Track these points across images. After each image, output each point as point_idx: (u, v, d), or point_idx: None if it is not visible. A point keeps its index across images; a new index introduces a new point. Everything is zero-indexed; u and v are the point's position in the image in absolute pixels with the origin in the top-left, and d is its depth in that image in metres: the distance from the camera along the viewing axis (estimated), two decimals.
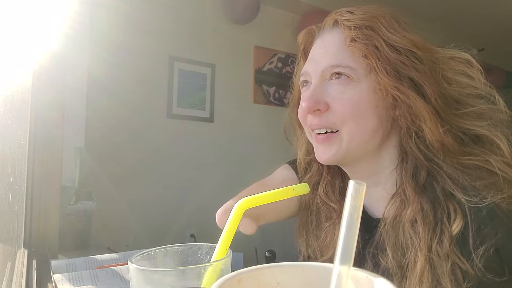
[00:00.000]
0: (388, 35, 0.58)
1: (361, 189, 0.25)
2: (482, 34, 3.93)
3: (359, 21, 0.60)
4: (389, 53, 0.57)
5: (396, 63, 0.57)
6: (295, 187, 0.47)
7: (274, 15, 2.88)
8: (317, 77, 0.62)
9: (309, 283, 0.27)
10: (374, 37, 0.58)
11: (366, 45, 0.58)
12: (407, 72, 0.57)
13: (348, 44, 0.59)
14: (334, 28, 0.64)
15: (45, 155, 0.81)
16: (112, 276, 0.64)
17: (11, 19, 0.95)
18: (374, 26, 0.59)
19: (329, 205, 0.69)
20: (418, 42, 0.60)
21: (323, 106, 0.60)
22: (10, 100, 0.96)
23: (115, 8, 2.13)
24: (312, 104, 0.60)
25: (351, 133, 0.60)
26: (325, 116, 0.61)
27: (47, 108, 0.82)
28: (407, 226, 0.57)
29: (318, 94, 0.61)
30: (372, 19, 0.60)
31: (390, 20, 0.60)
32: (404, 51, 0.58)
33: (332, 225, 0.68)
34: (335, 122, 0.60)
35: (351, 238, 0.24)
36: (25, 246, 0.78)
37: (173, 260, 0.41)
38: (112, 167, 2.15)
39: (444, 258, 0.53)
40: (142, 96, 2.32)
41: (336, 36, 0.62)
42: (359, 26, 0.59)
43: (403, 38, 0.59)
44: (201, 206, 2.36)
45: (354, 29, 0.59)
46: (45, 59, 0.82)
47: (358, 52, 0.59)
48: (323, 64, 0.62)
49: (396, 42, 0.58)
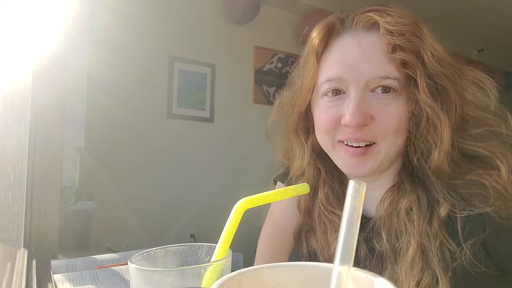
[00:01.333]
0: (433, 44, 0.55)
1: (361, 189, 0.25)
2: (482, 34, 3.93)
3: (402, 26, 0.54)
4: (435, 65, 0.54)
5: (440, 76, 0.54)
6: (295, 187, 0.47)
7: (274, 15, 2.88)
8: (361, 86, 0.56)
9: (309, 283, 0.27)
10: (421, 46, 0.54)
11: (411, 54, 0.54)
12: (446, 86, 0.54)
13: (391, 53, 0.54)
14: (372, 30, 0.57)
15: (45, 155, 0.81)
16: (112, 276, 0.64)
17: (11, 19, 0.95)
18: (418, 33, 0.55)
19: (334, 213, 0.66)
20: (450, 57, 0.57)
21: (369, 120, 0.56)
22: (10, 100, 0.96)
23: (115, 8, 2.13)
24: (360, 119, 0.55)
25: (389, 146, 0.57)
26: (368, 129, 0.56)
27: (47, 108, 0.82)
28: (402, 214, 0.58)
29: (364, 107, 0.55)
30: (414, 24, 0.55)
31: (425, 28, 0.56)
32: (447, 64, 0.55)
33: (336, 230, 0.67)
34: (377, 136, 0.57)
35: (351, 238, 0.24)
36: (25, 246, 0.78)
37: (173, 260, 0.41)
38: (112, 167, 2.15)
39: (433, 238, 0.54)
40: (142, 96, 2.32)
41: (377, 40, 0.56)
42: (402, 32, 0.54)
43: (443, 49, 0.56)
44: (201, 206, 2.37)
45: (398, 36, 0.54)
46: (45, 59, 0.82)
47: (399, 61, 0.55)
48: (368, 73, 0.56)
49: (440, 53, 0.55)
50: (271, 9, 2.85)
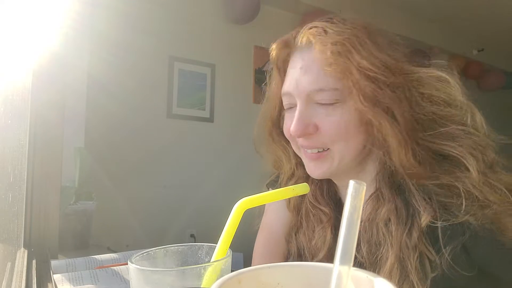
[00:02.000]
0: (359, 61, 0.56)
1: (361, 189, 0.25)
2: (482, 34, 3.93)
3: (333, 46, 0.57)
4: (361, 81, 0.56)
5: (373, 86, 0.56)
6: (295, 187, 0.47)
7: (274, 15, 2.88)
8: (302, 99, 0.61)
9: (309, 283, 0.27)
10: (348, 64, 0.57)
11: (341, 70, 0.57)
12: (379, 98, 0.56)
13: (324, 70, 0.58)
14: (311, 46, 0.61)
15: (45, 155, 0.81)
16: (112, 276, 0.64)
17: (11, 19, 0.95)
18: (347, 52, 0.57)
19: (319, 209, 0.69)
20: (392, 65, 0.58)
21: (312, 129, 0.60)
22: (10, 100, 0.96)
23: (115, 8, 2.13)
24: (301, 128, 0.60)
25: (341, 152, 0.61)
26: (315, 137, 0.61)
27: (47, 108, 0.82)
28: (381, 225, 0.58)
29: (306, 118, 0.60)
30: (346, 41, 0.57)
31: (365, 40, 0.58)
32: (375, 79, 0.56)
33: (323, 229, 0.69)
34: (326, 142, 0.61)
35: (351, 238, 0.24)
36: (25, 246, 0.78)
37: (173, 260, 0.41)
38: (112, 167, 2.15)
39: (412, 249, 0.55)
40: (142, 96, 2.32)
41: (315, 56, 0.60)
42: (332, 51, 0.57)
43: (375, 62, 0.57)
44: (201, 206, 2.37)
45: (330, 54, 0.57)
46: (45, 59, 0.82)
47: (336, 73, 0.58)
48: (307, 87, 0.60)
49: (367, 69, 0.56)
50: (271, 9, 2.85)
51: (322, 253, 0.67)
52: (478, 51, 4.07)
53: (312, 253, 0.69)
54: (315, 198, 0.70)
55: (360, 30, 0.59)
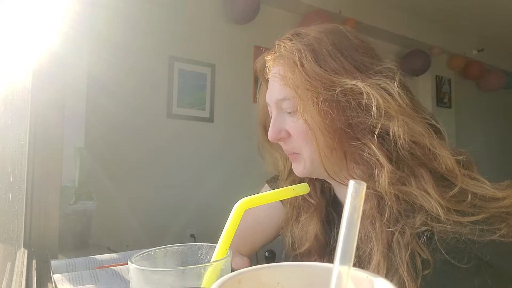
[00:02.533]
0: (298, 75, 0.61)
1: (361, 189, 0.25)
2: (482, 34, 3.94)
3: (284, 60, 0.63)
4: (301, 93, 0.60)
5: (306, 101, 0.60)
6: (295, 187, 0.47)
7: (274, 15, 2.88)
8: (274, 108, 0.67)
9: (309, 283, 0.27)
10: (292, 77, 0.61)
11: (291, 83, 0.61)
12: (313, 108, 0.59)
13: (281, 83, 0.63)
14: (277, 59, 0.66)
15: (45, 155, 0.81)
16: (112, 276, 0.64)
17: (11, 18, 0.95)
18: (292, 66, 0.62)
19: (308, 201, 0.73)
20: (324, 78, 0.59)
21: (284, 134, 0.66)
22: (10, 100, 0.96)
23: (115, 8, 2.13)
24: (274, 134, 0.66)
25: (309, 156, 0.64)
26: (288, 142, 0.66)
27: (47, 108, 0.82)
28: (365, 222, 0.59)
29: (278, 125, 0.66)
30: (291, 57, 0.62)
31: (306, 55, 0.61)
32: (310, 91, 0.59)
33: (309, 217, 0.72)
34: (295, 147, 0.66)
35: (351, 238, 0.24)
36: (25, 246, 0.78)
37: (173, 260, 0.41)
38: (112, 167, 2.15)
39: (404, 247, 0.55)
40: (142, 96, 2.32)
41: (281, 67, 0.64)
42: (283, 64, 0.63)
43: (311, 76, 0.60)
44: (201, 206, 2.37)
45: (281, 67, 0.63)
46: (45, 59, 0.82)
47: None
48: (274, 96, 0.66)
49: (302, 82, 0.60)
50: (271, 9, 2.85)
51: (307, 244, 0.70)
52: (478, 51, 4.07)
53: (298, 243, 0.72)
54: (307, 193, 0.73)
55: (307, 44, 0.62)
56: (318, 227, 0.70)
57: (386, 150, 0.57)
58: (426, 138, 0.56)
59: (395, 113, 0.56)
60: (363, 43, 0.65)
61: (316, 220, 0.70)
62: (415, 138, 0.56)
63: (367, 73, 0.60)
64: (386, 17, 3.38)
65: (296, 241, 0.73)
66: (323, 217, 0.71)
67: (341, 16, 3.05)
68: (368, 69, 0.60)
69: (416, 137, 0.56)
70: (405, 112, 0.57)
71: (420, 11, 3.50)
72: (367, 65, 0.61)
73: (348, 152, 0.61)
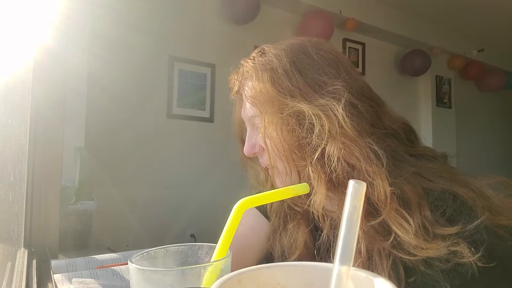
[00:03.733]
0: (251, 93, 0.64)
1: (361, 189, 0.25)
2: (482, 34, 3.93)
3: (244, 79, 0.67)
4: (258, 111, 0.63)
5: (264, 118, 0.62)
6: (295, 187, 0.47)
7: (274, 15, 2.88)
8: (248, 124, 0.69)
9: (309, 283, 0.27)
10: (253, 95, 0.63)
11: (255, 101, 0.63)
12: (268, 126, 0.61)
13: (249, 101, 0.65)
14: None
15: (45, 155, 0.81)
16: (112, 276, 0.64)
17: (10, 18, 0.95)
18: (246, 85, 0.66)
19: (294, 209, 0.71)
20: (275, 98, 0.60)
21: (258, 149, 0.67)
22: (10, 100, 0.96)
23: (115, 8, 2.13)
24: (249, 149, 0.68)
25: (282, 170, 0.63)
26: (263, 156, 0.66)
27: (47, 108, 0.82)
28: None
29: (252, 140, 0.67)
30: (249, 77, 0.65)
31: (262, 74, 0.62)
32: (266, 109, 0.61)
33: (296, 226, 0.70)
34: (268, 162, 0.65)
35: (351, 238, 0.24)
36: (25, 246, 0.78)
37: (173, 260, 0.41)
38: (112, 167, 2.15)
39: (385, 257, 0.54)
40: (142, 96, 2.32)
41: (245, 87, 0.67)
42: (247, 85, 0.66)
43: (262, 94, 0.61)
44: (201, 206, 2.37)
45: (246, 87, 0.66)
46: (45, 58, 0.82)
47: None
48: (246, 113, 0.68)
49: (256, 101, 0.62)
50: (271, 9, 2.85)
51: (297, 252, 0.68)
52: (478, 51, 4.07)
53: (288, 252, 0.70)
54: (292, 200, 0.71)
55: (266, 63, 0.63)
56: (307, 234, 0.69)
57: (324, 173, 0.57)
58: (362, 163, 0.54)
59: (336, 134, 0.55)
60: (326, 59, 0.64)
61: (304, 227, 0.69)
62: (351, 161, 0.55)
63: (319, 93, 0.59)
64: (386, 17, 3.38)
65: (286, 250, 0.71)
66: (311, 223, 0.70)
67: (341, 16, 3.06)
68: (322, 88, 0.60)
69: (352, 160, 0.55)
70: (345, 135, 0.55)
71: (420, 11, 3.50)
72: (321, 84, 0.60)
73: (300, 171, 0.61)
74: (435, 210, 0.54)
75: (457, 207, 0.54)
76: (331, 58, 0.64)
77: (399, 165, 0.58)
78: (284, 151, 0.60)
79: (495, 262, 0.50)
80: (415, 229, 0.51)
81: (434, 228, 0.52)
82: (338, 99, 0.57)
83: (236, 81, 0.71)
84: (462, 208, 0.54)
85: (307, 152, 0.58)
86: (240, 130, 0.79)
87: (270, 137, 0.61)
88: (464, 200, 0.54)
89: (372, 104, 0.63)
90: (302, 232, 0.69)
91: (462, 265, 0.50)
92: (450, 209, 0.54)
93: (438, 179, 0.58)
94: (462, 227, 0.51)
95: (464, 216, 0.53)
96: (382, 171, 0.54)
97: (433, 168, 0.60)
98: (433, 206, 0.54)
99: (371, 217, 0.54)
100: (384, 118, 0.64)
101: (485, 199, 0.55)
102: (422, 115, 3.85)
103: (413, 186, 0.55)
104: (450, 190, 0.55)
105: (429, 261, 0.52)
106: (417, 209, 0.53)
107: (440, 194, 0.55)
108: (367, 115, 0.60)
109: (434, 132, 3.79)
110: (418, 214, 0.53)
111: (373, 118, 0.62)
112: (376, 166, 0.54)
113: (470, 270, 0.50)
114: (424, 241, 0.51)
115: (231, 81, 0.74)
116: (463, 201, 0.54)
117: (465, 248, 0.50)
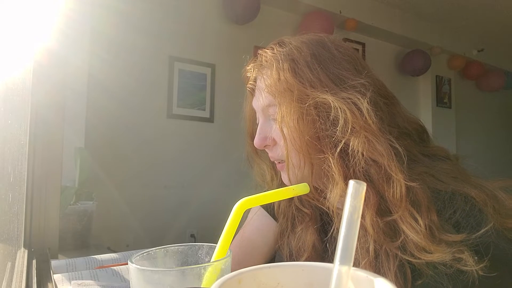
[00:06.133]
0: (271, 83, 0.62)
1: (361, 189, 0.25)
2: (482, 34, 3.94)
3: (264, 69, 0.64)
4: (280, 100, 0.61)
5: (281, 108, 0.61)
6: (295, 187, 0.47)
7: (274, 15, 2.88)
8: (261, 114, 0.67)
9: (309, 283, 0.27)
10: (274, 85, 0.62)
11: (274, 91, 0.61)
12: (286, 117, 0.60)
13: (266, 90, 0.64)
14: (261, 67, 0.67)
15: (45, 155, 0.81)
16: (112, 276, 0.64)
17: (10, 19, 0.95)
18: (265, 75, 0.63)
19: (302, 211, 0.70)
20: (297, 88, 0.59)
21: (271, 142, 0.65)
22: (10, 100, 0.96)
23: (115, 8, 2.13)
24: (260, 141, 0.65)
25: (293, 164, 0.62)
26: (274, 149, 0.65)
27: (47, 108, 0.82)
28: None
29: (265, 131, 0.66)
30: (270, 66, 0.63)
31: (283, 64, 0.61)
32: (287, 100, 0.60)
33: (305, 228, 0.69)
34: (280, 155, 0.64)
35: (351, 238, 0.24)
36: (25, 246, 0.78)
37: (173, 260, 0.41)
38: (112, 167, 2.15)
39: (392, 257, 0.54)
40: (142, 96, 2.32)
41: (262, 77, 0.66)
42: (266, 74, 0.64)
43: (275, 90, 0.61)
44: (201, 206, 2.37)
45: (264, 75, 0.64)
46: (45, 59, 0.82)
47: None
48: (260, 102, 0.66)
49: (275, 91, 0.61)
50: (271, 9, 2.85)
51: (306, 254, 0.67)
52: (478, 51, 4.07)
53: (296, 255, 0.70)
54: (300, 201, 0.71)
55: (287, 54, 0.62)
56: (315, 236, 0.68)
57: (345, 166, 0.56)
58: (385, 159, 0.54)
59: (360, 128, 0.55)
60: (345, 55, 0.64)
61: (312, 229, 0.68)
62: (374, 157, 0.54)
63: (341, 87, 0.59)
64: (386, 17, 3.38)
65: (294, 252, 0.70)
66: (319, 225, 0.69)
67: (341, 16, 3.06)
68: (343, 82, 0.59)
69: (375, 155, 0.54)
70: (369, 129, 0.55)
71: (420, 11, 3.50)
72: (343, 78, 0.60)
73: (314, 164, 0.60)
74: (445, 211, 0.54)
75: (467, 209, 0.54)
76: (349, 54, 0.64)
77: (412, 166, 0.58)
78: (301, 142, 0.59)
79: (497, 272, 0.51)
80: (423, 231, 0.52)
81: (440, 233, 0.52)
82: (364, 94, 0.57)
83: (253, 68, 0.69)
84: (472, 210, 0.54)
85: (327, 145, 0.57)
86: (250, 124, 0.76)
87: (287, 127, 0.59)
88: (475, 203, 0.54)
89: (388, 103, 0.63)
90: (311, 235, 0.68)
91: (464, 272, 0.50)
92: (460, 211, 0.54)
93: (450, 180, 0.58)
94: (467, 236, 0.52)
95: (473, 219, 0.53)
96: (402, 170, 0.54)
97: (446, 169, 0.60)
98: (443, 207, 0.55)
99: (383, 215, 0.54)
100: (399, 118, 0.64)
101: (496, 201, 0.55)
102: (422, 115, 3.85)
103: (424, 189, 0.55)
104: (461, 191, 0.55)
105: (434, 264, 0.52)
106: (426, 212, 0.53)
107: (452, 195, 0.55)
108: (386, 113, 0.61)
109: (434, 132, 3.78)
110: (426, 217, 0.53)
111: (390, 117, 0.62)
112: (398, 163, 0.54)
113: (471, 278, 0.50)
114: (431, 243, 0.51)
115: (248, 70, 0.71)
116: (474, 204, 0.54)
117: (468, 256, 0.50)
